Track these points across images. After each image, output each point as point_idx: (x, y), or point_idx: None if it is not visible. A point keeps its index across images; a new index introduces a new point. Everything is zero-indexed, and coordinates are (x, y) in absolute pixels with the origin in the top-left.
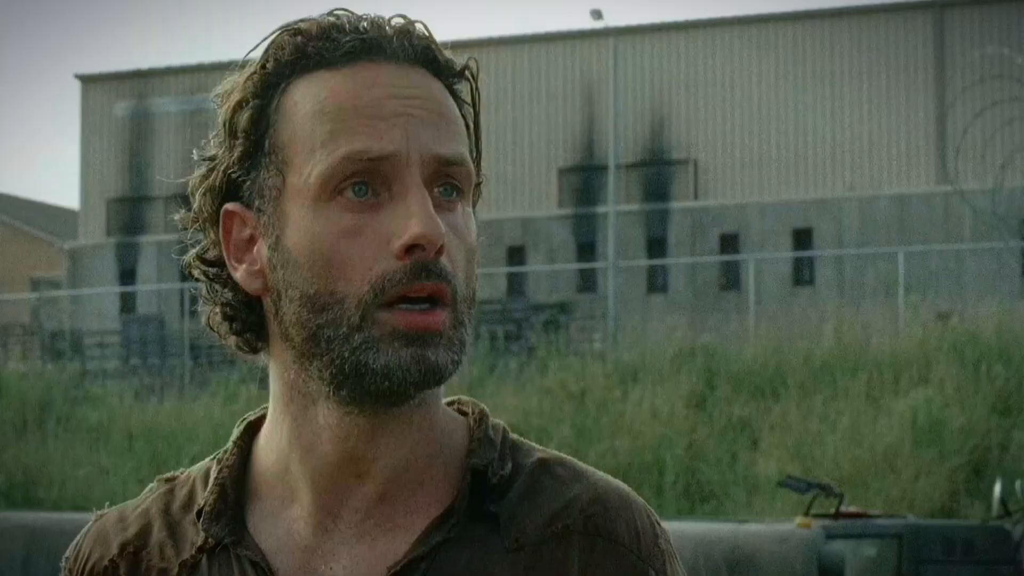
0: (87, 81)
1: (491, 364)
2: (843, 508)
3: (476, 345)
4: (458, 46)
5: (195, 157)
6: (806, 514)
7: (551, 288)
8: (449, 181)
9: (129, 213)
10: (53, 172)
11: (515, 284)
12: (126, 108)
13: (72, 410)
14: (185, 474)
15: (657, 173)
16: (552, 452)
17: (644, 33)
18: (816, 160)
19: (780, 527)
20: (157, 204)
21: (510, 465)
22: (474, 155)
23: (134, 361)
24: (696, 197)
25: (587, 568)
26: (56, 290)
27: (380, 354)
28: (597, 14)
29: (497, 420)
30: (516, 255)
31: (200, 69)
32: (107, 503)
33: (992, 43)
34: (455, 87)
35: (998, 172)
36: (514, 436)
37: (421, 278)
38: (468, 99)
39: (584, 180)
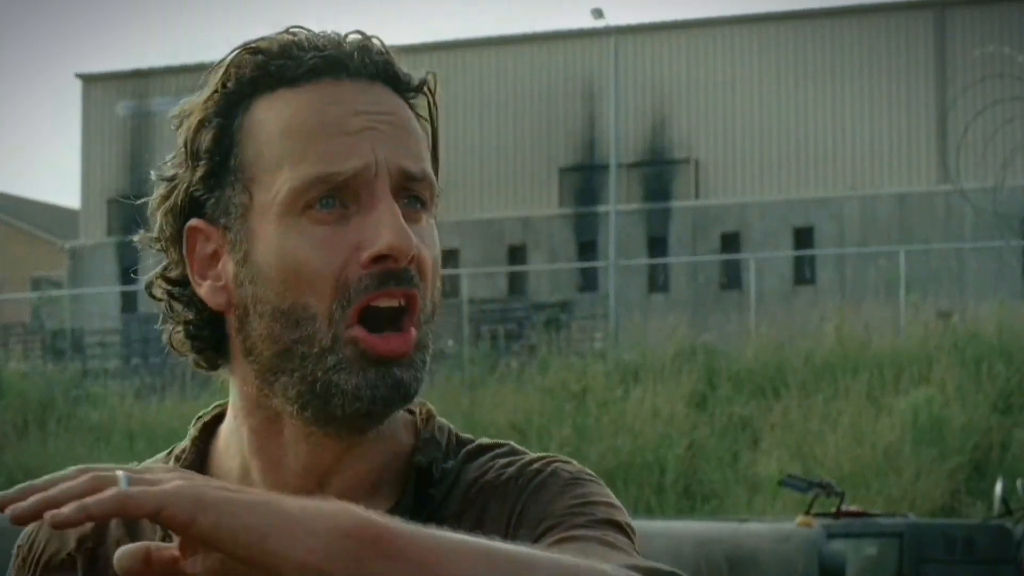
0: (88, 80)
1: (491, 364)
2: (844, 507)
3: (477, 345)
4: (459, 46)
5: (153, 178)
6: (807, 513)
7: (552, 287)
8: (413, 194)
9: (130, 213)
10: (54, 172)
11: (516, 283)
12: (127, 107)
13: (73, 409)
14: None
15: (658, 172)
16: (498, 440)
17: (645, 32)
18: (817, 159)
19: (781, 526)
20: None
21: (453, 461)
22: (435, 168)
23: (135, 360)
24: (697, 196)
25: (499, 505)
26: (57, 289)
27: (351, 375)
28: (598, 13)
29: (444, 421)
30: (517, 254)
31: (201, 69)
32: None
33: (993, 42)
34: (412, 101)
35: (999, 171)
36: (464, 435)
37: (390, 284)
38: (425, 112)
39: (585, 179)
